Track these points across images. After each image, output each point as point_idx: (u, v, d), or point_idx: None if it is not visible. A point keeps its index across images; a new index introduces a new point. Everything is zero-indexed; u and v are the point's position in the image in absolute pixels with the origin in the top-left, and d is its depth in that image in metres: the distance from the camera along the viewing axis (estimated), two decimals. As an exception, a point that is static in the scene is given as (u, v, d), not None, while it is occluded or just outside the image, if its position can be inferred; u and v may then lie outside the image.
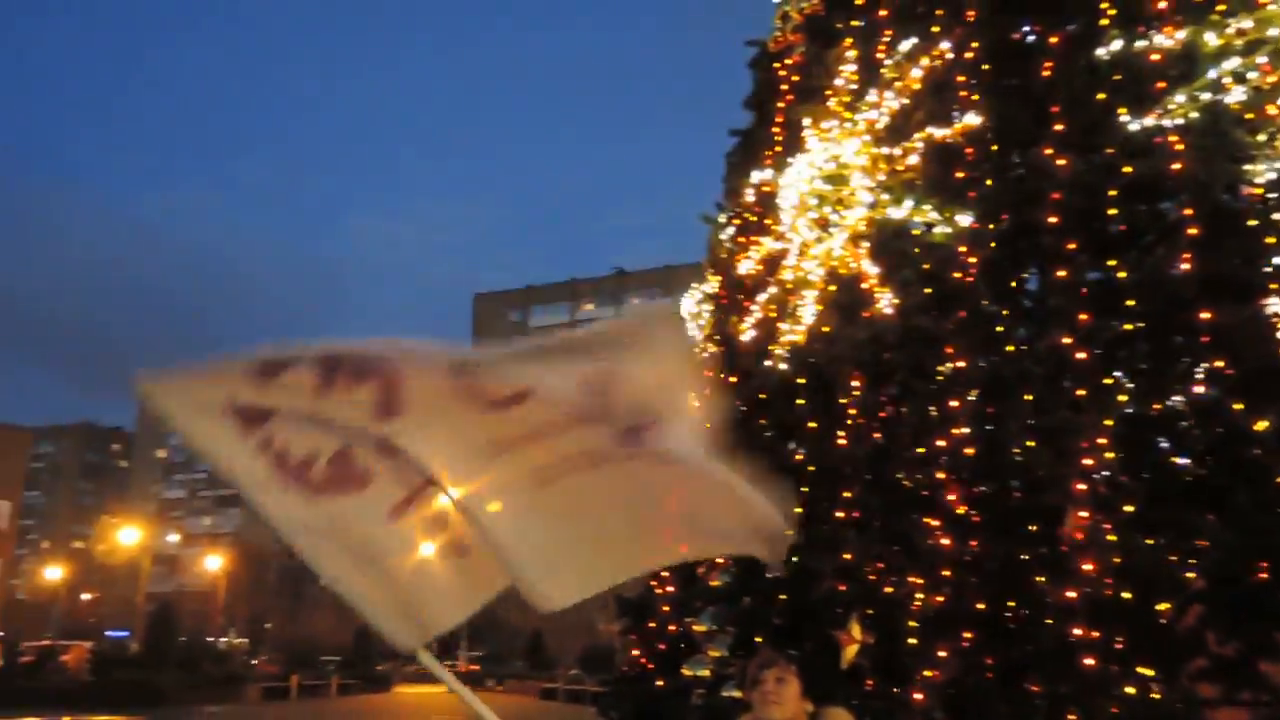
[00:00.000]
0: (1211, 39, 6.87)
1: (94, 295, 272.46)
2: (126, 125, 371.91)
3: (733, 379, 9.49)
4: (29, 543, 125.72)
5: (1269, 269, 6.16)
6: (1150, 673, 5.41)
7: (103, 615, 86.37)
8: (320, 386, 2.35)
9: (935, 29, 8.68)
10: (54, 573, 76.39)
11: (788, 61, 10.70)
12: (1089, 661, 5.47)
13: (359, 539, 2.60)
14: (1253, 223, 6.25)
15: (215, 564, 75.27)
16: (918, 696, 6.14)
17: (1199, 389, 6.00)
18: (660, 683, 8.67)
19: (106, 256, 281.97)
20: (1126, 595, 5.55)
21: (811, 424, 7.81)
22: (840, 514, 7.20)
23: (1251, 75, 6.71)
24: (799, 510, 7.55)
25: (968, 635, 6.24)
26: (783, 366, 8.40)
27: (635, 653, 9.51)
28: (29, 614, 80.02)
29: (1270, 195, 6.33)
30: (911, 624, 6.41)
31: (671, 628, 8.73)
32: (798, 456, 8.02)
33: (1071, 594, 5.62)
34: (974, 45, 8.25)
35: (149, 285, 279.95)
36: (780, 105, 10.30)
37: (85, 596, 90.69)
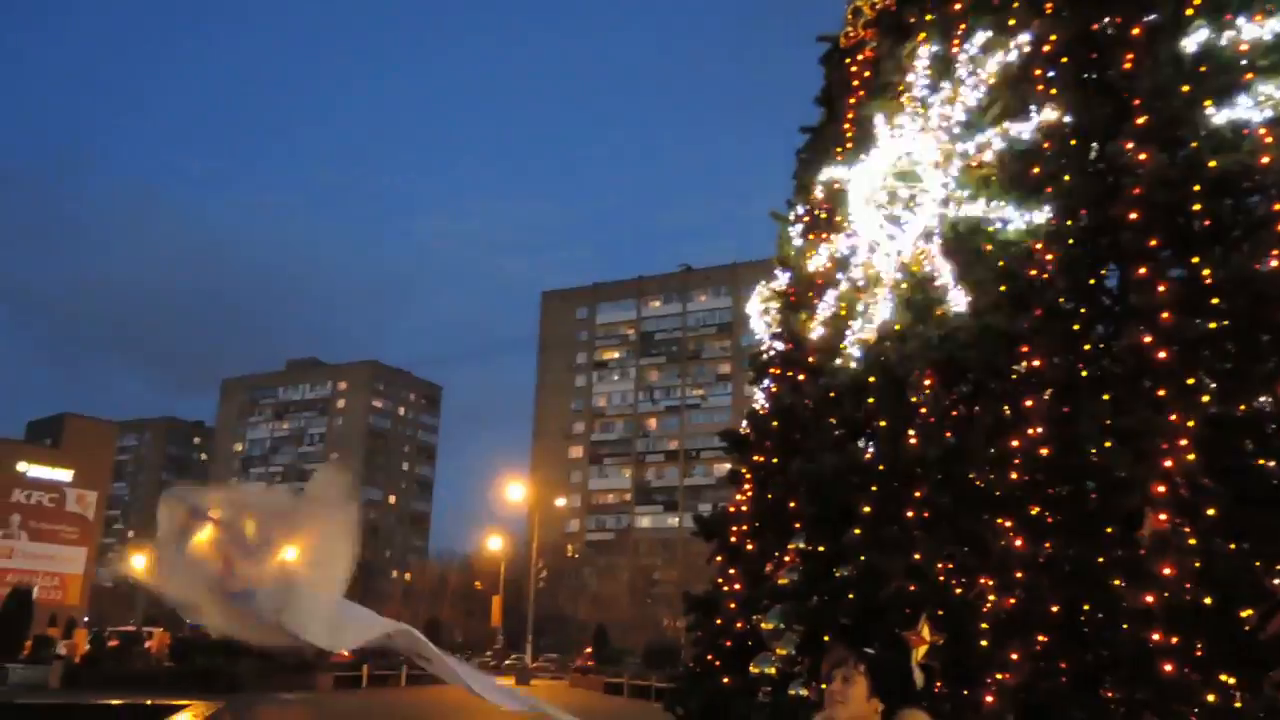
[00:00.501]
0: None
1: (175, 294, 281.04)
2: (200, 128, 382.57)
3: (801, 377, 9.45)
4: (115, 532, 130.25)
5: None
6: (1232, 680, 5.26)
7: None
8: None
9: (1012, 21, 8.53)
10: (138, 561, 78.87)
11: (859, 57, 10.61)
12: (1167, 668, 5.33)
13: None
14: (1347, 218, 6.03)
15: (291, 554, 77.09)
16: (988, 699, 6.06)
17: (1287, 390, 5.81)
18: (727, 680, 8.68)
19: (187, 256, 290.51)
20: (1207, 600, 5.40)
21: (882, 423, 7.74)
22: (910, 514, 7.13)
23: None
24: (867, 509, 7.51)
25: (1041, 638, 6.14)
26: (853, 365, 8.34)
27: (702, 650, 9.53)
28: (114, 601, 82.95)
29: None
30: (983, 626, 6.32)
31: (739, 625, 8.73)
32: (868, 455, 7.95)
33: (1149, 598, 5.49)
34: (1052, 38, 8.09)
35: (227, 285, 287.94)
36: (851, 101, 10.22)
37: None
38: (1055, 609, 6.14)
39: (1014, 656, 6.09)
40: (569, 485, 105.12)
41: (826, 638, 7.31)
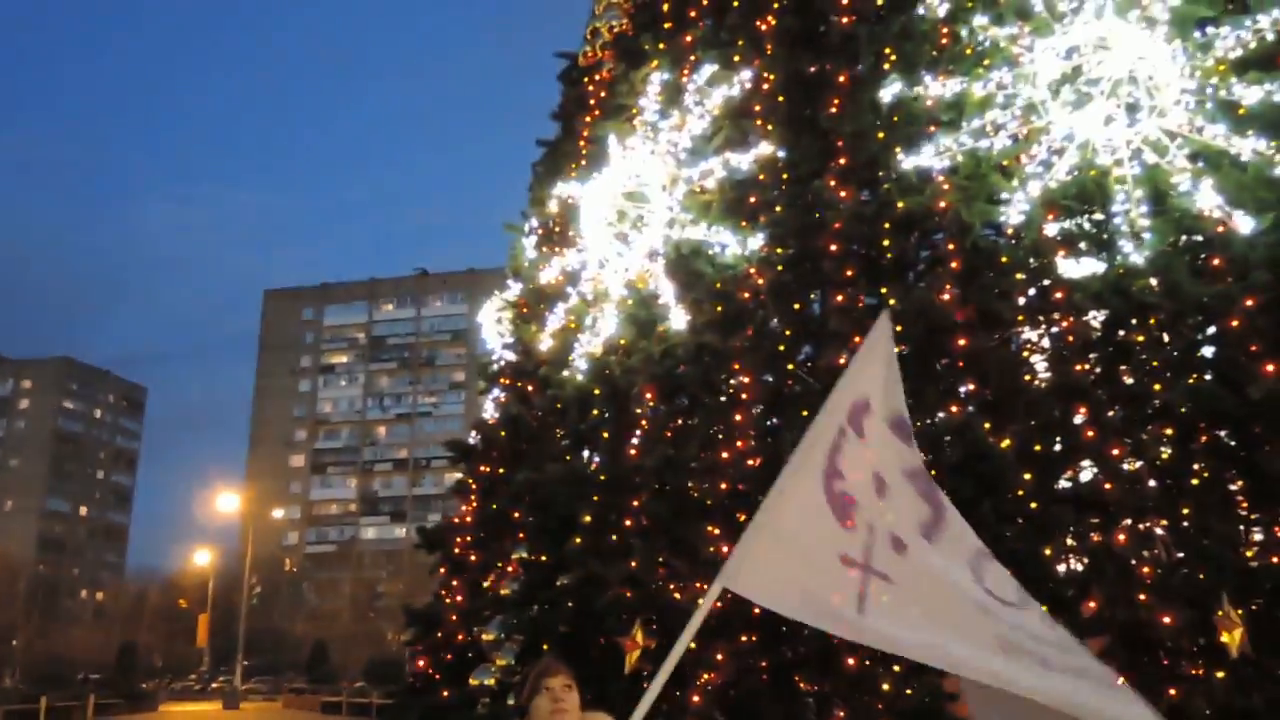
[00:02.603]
0: (978, 90, 7.52)
1: None
2: None
3: (530, 387, 9.55)
4: None
5: (1017, 303, 6.82)
6: (900, 670, 5.85)
7: None
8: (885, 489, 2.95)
9: (736, 58, 9.09)
10: None
11: (596, 77, 10.89)
12: (850, 661, 5.85)
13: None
14: (1005, 260, 6.89)
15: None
16: (695, 699, 6.36)
17: (954, 409, 6.55)
18: (446, 693, 8.57)
19: None
20: (885, 598, 5.97)
21: (605, 434, 7.96)
22: (629, 522, 7.38)
23: (1010, 125, 7.40)
24: (588, 518, 7.71)
25: (743, 639, 6.53)
26: (579, 377, 8.53)
27: (421, 663, 9.36)
28: None
29: (1020, 236, 7.00)
30: (692, 629, 6.64)
31: (459, 637, 8.66)
32: (592, 465, 8.15)
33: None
34: (770, 77, 8.69)
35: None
36: (587, 120, 10.47)
37: None
38: (756, 611, 6.55)
39: (719, 657, 6.44)
40: (288, 495, 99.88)
41: (546, 646, 7.41)
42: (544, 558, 7.98)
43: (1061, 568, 6.00)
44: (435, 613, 9.49)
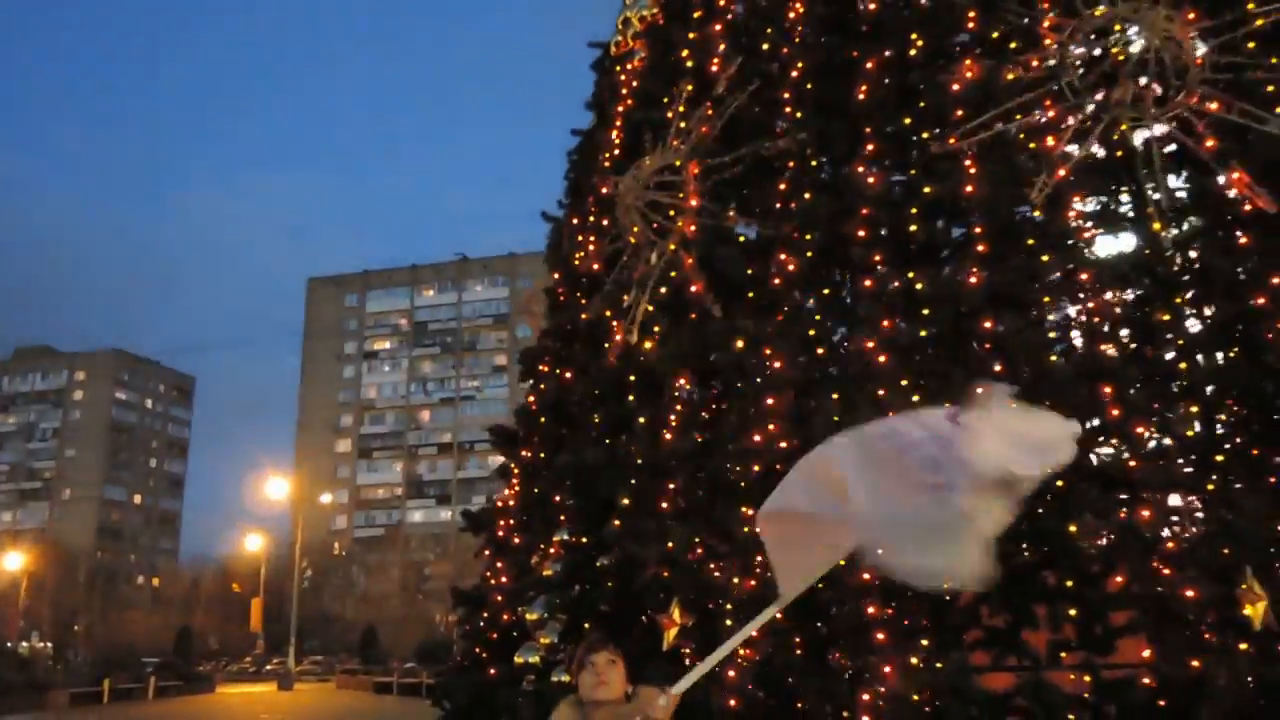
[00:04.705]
0: (1006, 72, 7.58)
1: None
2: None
3: (569, 374, 9.79)
4: None
5: (1044, 284, 6.92)
6: (929, 644, 6.02)
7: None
8: None
9: (765, 46, 9.21)
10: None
11: (629, 66, 11.04)
12: (879, 636, 6.03)
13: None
14: (1031, 241, 6.98)
15: (15, 563, 70.25)
16: (731, 674, 6.58)
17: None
18: (493, 671, 8.87)
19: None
20: (914, 575, 6.13)
21: (642, 419, 8.17)
22: (665, 505, 7.59)
23: (1037, 108, 7.46)
24: (626, 501, 7.94)
25: (777, 615, 6.72)
26: (616, 363, 8.74)
27: (470, 643, 9.68)
28: None
29: (1048, 217, 7.08)
30: (728, 606, 6.85)
31: (505, 617, 8.95)
32: (630, 449, 8.36)
33: (866, 575, 6.15)
34: (799, 64, 8.80)
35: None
36: (620, 109, 10.64)
37: None
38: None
39: (754, 634, 6.62)
40: (336, 480, 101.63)
41: (587, 625, 7.67)
42: (585, 539, 8.23)
43: (1088, 545, 6.12)
44: (481, 593, 9.80)
